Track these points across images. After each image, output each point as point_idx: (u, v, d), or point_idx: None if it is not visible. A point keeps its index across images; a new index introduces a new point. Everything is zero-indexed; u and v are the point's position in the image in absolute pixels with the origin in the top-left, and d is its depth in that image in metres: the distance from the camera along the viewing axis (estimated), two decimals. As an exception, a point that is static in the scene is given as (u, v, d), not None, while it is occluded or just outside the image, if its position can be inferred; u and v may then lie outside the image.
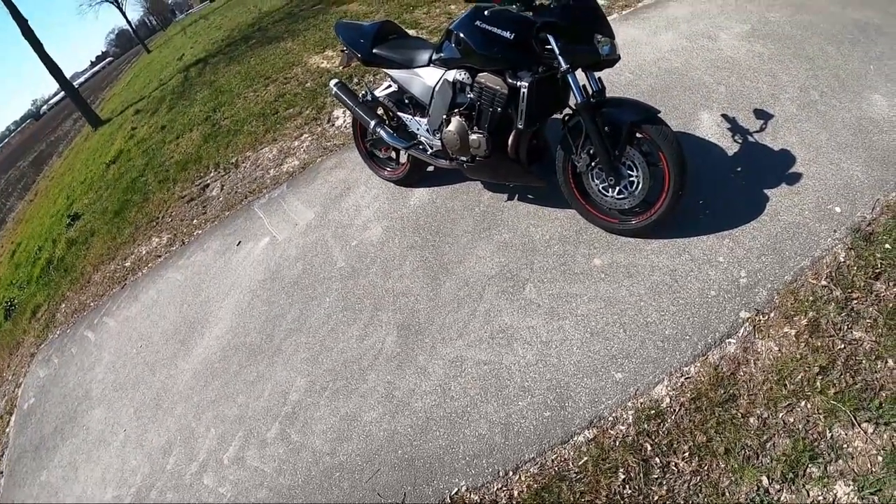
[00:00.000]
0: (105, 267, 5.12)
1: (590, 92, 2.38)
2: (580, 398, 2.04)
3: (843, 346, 1.90)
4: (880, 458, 1.60)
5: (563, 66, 2.28)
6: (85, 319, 4.46)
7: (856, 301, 2.01)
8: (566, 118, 2.52)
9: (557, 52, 2.27)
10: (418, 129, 3.07)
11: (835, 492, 1.58)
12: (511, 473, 1.98)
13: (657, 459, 1.83)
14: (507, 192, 3.22)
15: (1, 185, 21.74)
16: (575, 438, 1.96)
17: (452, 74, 2.70)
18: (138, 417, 3.09)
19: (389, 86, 3.24)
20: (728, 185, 2.63)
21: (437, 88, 2.79)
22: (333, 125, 5.20)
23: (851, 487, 1.57)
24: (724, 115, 3.07)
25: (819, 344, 1.93)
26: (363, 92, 3.36)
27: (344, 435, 2.37)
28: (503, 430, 2.08)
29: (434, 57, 2.80)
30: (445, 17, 6.88)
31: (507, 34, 2.35)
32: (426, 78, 2.87)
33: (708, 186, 2.67)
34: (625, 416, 1.95)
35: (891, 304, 1.95)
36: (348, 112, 4.07)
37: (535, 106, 2.43)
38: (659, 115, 2.32)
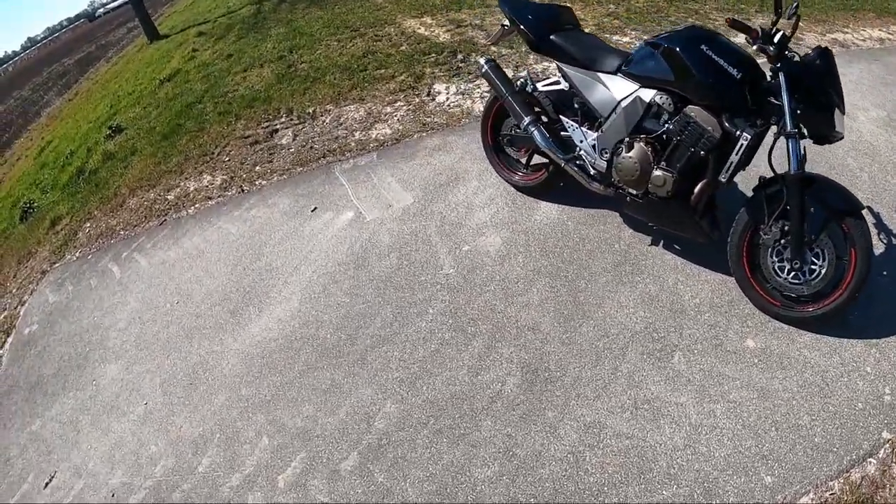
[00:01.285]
0: (143, 193, 4.62)
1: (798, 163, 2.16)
2: (728, 497, 1.83)
3: None
4: None
5: (789, 128, 2.08)
6: (111, 249, 3.98)
7: None
8: (765, 182, 2.29)
9: (787, 111, 2.08)
10: (581, 142, 2.66)
11: None
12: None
13: None
14: (650, 232, 2.83)
15: (42, 77, 21.31)
16: None
17: (650, 94, 2.37)
18: (165, 393, 2.59)
19: (557, 82, 2.80)
20: (876, 288, 2.41)
21: (623, 104, 2.45)
22: (434, 100, 4.68)
23: None
24: (869, 208, 2.76)
25: None
26: (521, 79, 2.87)
27: (447, 489, 1.93)
28: None
29: (626, 67, 2.46)
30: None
31: (734, 71, 2.15)
32: (612, 88, 2.50)
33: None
34: None
35: None
36: (481, 91, 3.56)
37: (745, 160, 2.25)
38: (863, 210, 2.16)
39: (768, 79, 2.20)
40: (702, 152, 2.24)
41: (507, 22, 2.86)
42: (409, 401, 2.23)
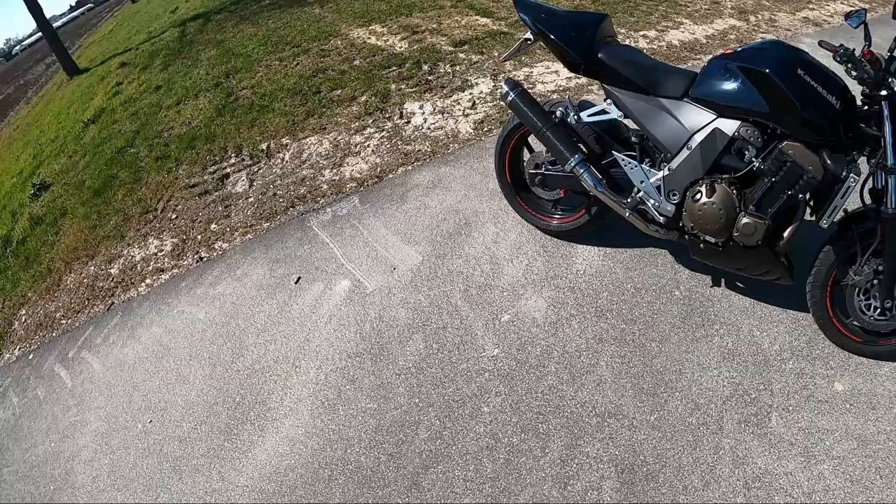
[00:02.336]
0: (81, 267, 3.95)
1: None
2: None
3: None
4: None
5: (891, 163, 1.84)
6: (55, 345, 3.34)
7: None
8: (854, 218, 2.07)
9: (891, 144, 1.83)
10: (642, 182, 2.24)
11: None
12: None
13: None
14: (708, 269, 2.53)
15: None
16: None
17: (733, 126, 2.02)
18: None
19: (604, 110, 2.33)
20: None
21: (698, 138, 2.07)
22: (410, 122, 4.17)
23: None
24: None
25: None
26: (559, 107, 2.40)
27: None
28: None
29: (696, 92, 2.07)
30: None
31: (835, 101, 1.88)
32: (682, 117, 2.11)
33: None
34: None
35: None
36: (462, 108, 3.05)
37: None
38: None
39: (861, 102, 1.93)
40: (800, 195, 1.95)
41: (529, 35, 2.37)
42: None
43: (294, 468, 2.12)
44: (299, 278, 2.95)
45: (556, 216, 2.73)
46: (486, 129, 3.89)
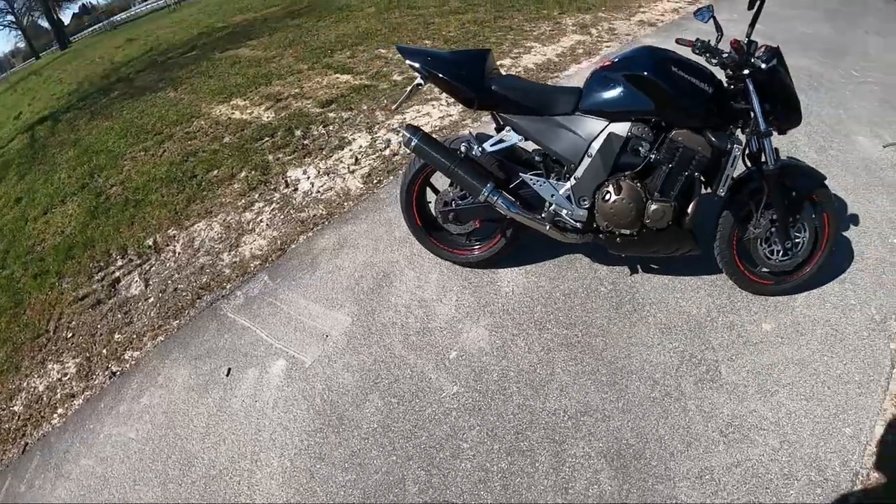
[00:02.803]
0: (-27, 414, 3.38)
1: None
2: (834, 464, 1.89)
3: None
4: None
5: (763, 128, 2.09)
6: (-37, 514, 2.81)
7: None
8: (742, 181, 2.30)
9: (759, 113, 2.07)
10: (552, 196, 2.34)
11: None
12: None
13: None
14: (621, 261, 2.71)
15: None
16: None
17: (624, 128, 2.15)
18: None
19: (502, 139, 2.40)
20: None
21: (596, 145, 2.19)
22: (297, 190, 4.03)
23: None
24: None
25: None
26: (463, 143, 2.43)
27: None
28: None
29: (585, 104, 2.19)
30: (381, 61, 6.02)
31: (706, 87, 2.07)
32: (577, 130, 2.22)
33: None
34: (869, 463, 1.88)
35: None
36: (347, 164, 3.02)
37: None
38: (826, 180, 2.30)
39: (726, 83, 2.15)
40: (695, 173, 2.14)
41: (419, 80, 2.36)
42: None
43: None
44: (230, 370, 2.71)
45: (475, 247, 2.74)
46: (375, 181, 3.87)
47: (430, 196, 2.77)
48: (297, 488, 2.09)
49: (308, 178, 4.09)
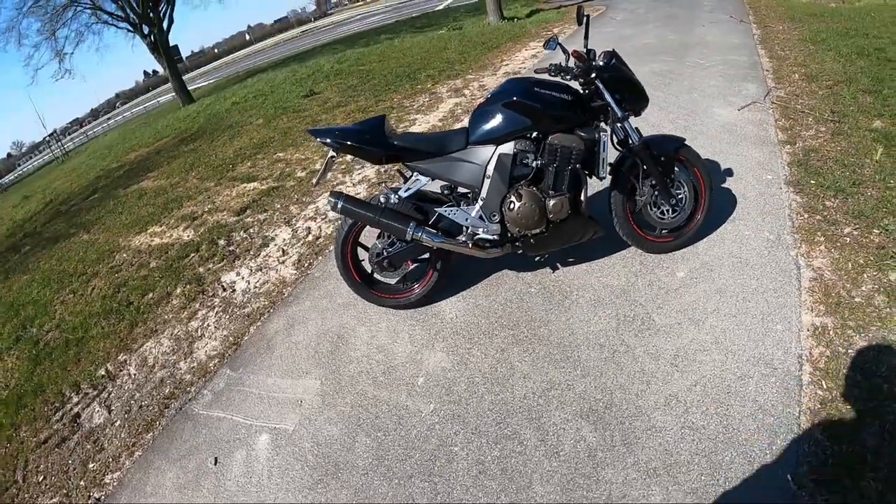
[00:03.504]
0: None
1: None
2: (778, 355, 2.15)
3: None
4: None
5: (620, 114, 2.44)
6: None
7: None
8: (618, 163, 2.63)
9: (613, 103, 2.42)
10: (467, 220, 2.61)
11: None
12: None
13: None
14: (539, 264, 3.05)
15: None
16: (804, 389, 1.99)
17: (510, 147, 2.46)
18: None
19: (413, 183, 2.67)
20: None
21: (490, 168, 2.49)
22: (234, 290, 4.07)
23: None
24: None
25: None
26: (382, 196, 2.69)
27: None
28: (762, 421, 1.94)
29: (473, 137, 2.51)
30: (281, 164, 6.22)
31: (567, 96, 2.39)
32: (473, 159, 2.52)
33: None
34: (807, 345, 2.18)
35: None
36: (275, 258, 3.18)
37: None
38: (685, 140, 2.63)
39: (581, 89, 2.53)
40: (577, 165, 2.45)
41: (332, 153, 2.57)
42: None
43: None
44: (216, 459, 2.67)
45: (414, 287, 2.94)
46: (306, 264, 4.00)
47: (362, 255, 2.98)
48: None
49: (242, 278, 4.13)
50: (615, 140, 2.59)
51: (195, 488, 2.59)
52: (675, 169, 2.65)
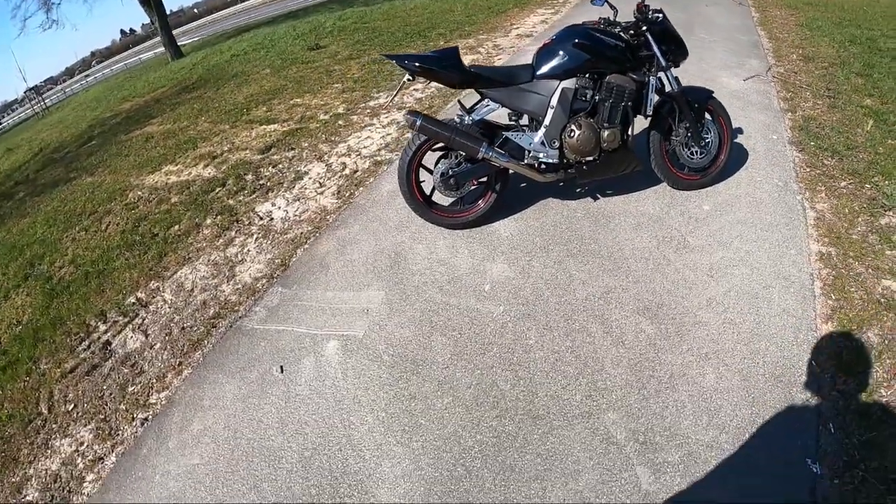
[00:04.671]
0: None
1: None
2: (794, 272, 2.51)
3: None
4: None
5: (664, 63, 2.74)
6: None
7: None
8: (659, 105, 2.88)
9: (659, 54, 2.71)
10: (530, 144, 2.80)
11: None
12: None
13: None
14: (578, 196, 3.33)
15: None
16: (817, 299, 2.36)
17: (572, 83, 2.69)
18: None
19: (486, 106, 2.84)
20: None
21: (554, 99, 2.71)
22: (272, 219, 4.02)
23: None
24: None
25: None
26: (457, 118, 2.82)
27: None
28: (786, 320, 2.27)
29: (540, 72, 2.73)
30: (300, 108, 6.10)
31: (620, 42, 2.69)
32: (540, 91, 2.72)
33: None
34: (816, 266, 2.58)
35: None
36: (314, 188, 3.22)
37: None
38: (713, 93, 2.96)
39: (631, 39, 2.73)
40: (629, 103, 2.68)
41: (407, 77, 2.72)
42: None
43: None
44: (282, 368, 2.67)
45: (477, 204, 3.06)
46: (347, 194, 3.96)
47: (425, 175, 3.06)
48: (405, 427, 2.14)
49: (279, 208, 4.08)
50: (656, 88, 2.86)
51: (261, 396, 2.59)
52: (706, 116, 2.96)
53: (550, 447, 1.91)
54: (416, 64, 2.63)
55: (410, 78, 2.72)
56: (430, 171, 3.00)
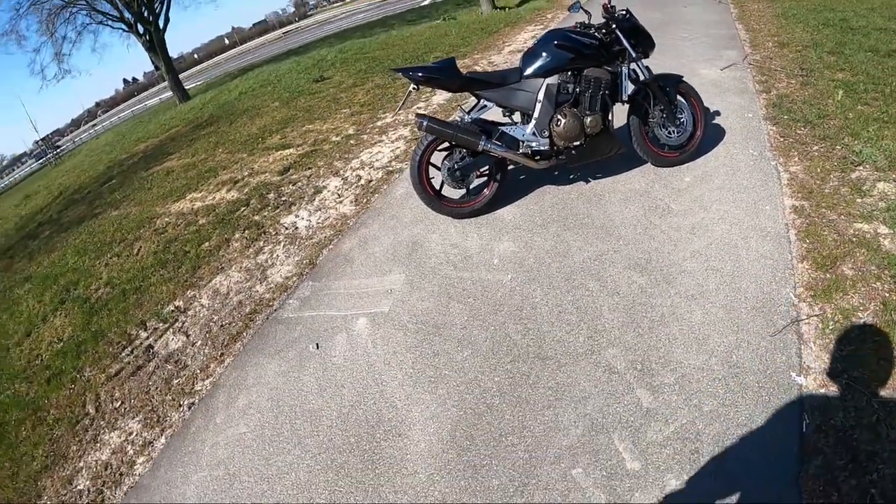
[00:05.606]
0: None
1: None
2: (768, 224, 2.88)
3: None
4: None
5: (635, 55, 3.23)
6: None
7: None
8: (634, 93, 3.33)
9: (629, 46, 3.22)
10: (523, 136, 3.30)
11: None
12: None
13: None
14: (571, 181, 3.81)
15: None
16: (792, 245, 2.74)
17: (555, 79, 3.23)
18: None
19: (482, 106, 3.39)
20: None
21: (541, 95, 3.23)
22: (297, 228, 4.51)
23: None
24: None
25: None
26: (459, 117, 3.40)
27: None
28: (764, 263, 2.67)
29: (526, 72, 3.26)
30: (313, 133, 6.66)
31: (595, 40, 3.22)
32: (528, 88, 3.25)
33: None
34: (790, 218, 2.95)
35: None
36: (334, 198, 3.71)
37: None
38: (682, 77, 3.45)
39: (604, 37, 3.26)
40: (606, 91, 3.20)
41: (412, 87, 3.29)
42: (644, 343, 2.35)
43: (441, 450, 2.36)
44: (317, 344, 3.08)
45: (482, 193, 3.57)
46: (364, 201, 4.46)
47: (433, 172, 3.58)
48: (430, 378, 2.55)
49: (302, 218, 4.57)
50: (630, 77, 3.37)
51: (300, 370, 3.01)
52: (678, 98, 3.40)
53: (559, 381, 2.30)
54: (420, 74, 3.21)
55: (416, 87, 3.31)
56: (438, 168, 3.50)
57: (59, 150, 22.82)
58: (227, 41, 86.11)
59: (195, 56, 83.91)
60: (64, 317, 5.08)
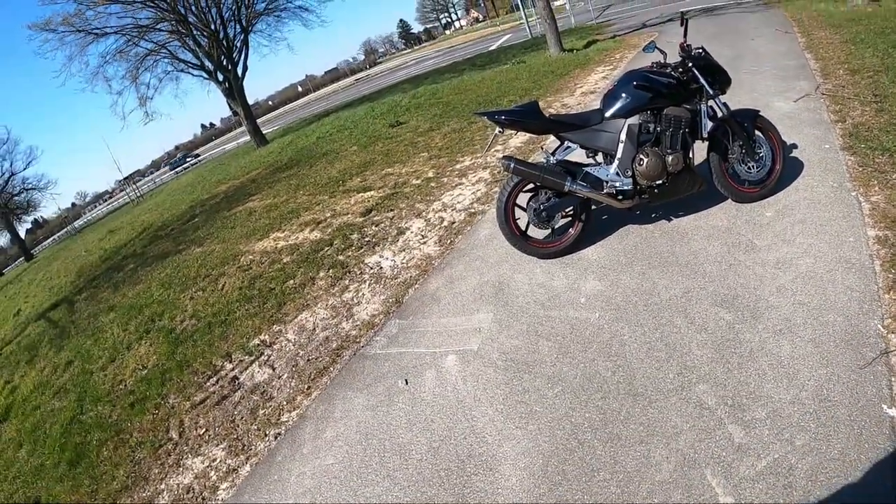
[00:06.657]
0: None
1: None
2: (854, 256, 2.96)
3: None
4: None
5: (712, 92, 3.44)
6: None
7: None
8: (714, 130, 3.51)
9: (706, 84, 3.43)
10: (607, 176, 3.55)
11: None
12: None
13: None
14: (654, 220, 4.00)
15: None
16: (878, 275, 2.78)
17: (636, 119, 3.47)
18: None
19: (567, 147, 3.67)
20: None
21: (623, 135, 3.48)
22: (381, 268, 4.85)
23: None
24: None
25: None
26: (545, 158, 3.70)
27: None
28: (851, 295, 2.75)
29: (608, 114, 3.53)
30: (393, 177, 7.12)
31: (673, 80, 3.45)
32: (610, 129, 3.52)
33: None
34: (875, 249, 3.01)
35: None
36: (417, 238, 4.12)
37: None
38: (759, 112, 3.61)
39: (681, 76, 3.50)
40: (686, 130, 3.42)
41: (497, 130, 3.63)
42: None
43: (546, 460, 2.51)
44: (406, 380, 3.33)
45: (568, 233, 3.83)
46: (447, 242, 4.79)
47: (519, 213, 3.87)
48: (521, 414, 2.73)
49: (386, 259, 4.94)
50: (709, 114, 3.58)
51: (389, 405, 3.24)
52: (756, 133, 3.55)
53: (651, 417, 2.43)
54: (504, 117, 3.48)
55: (500, 130, 3.64)
56: (524, 209, 3.77)
57: (139, 189, 25.11)
58: (300, 88, 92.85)
59: (269, 103, 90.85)
60: (149, 345, 5.62)
